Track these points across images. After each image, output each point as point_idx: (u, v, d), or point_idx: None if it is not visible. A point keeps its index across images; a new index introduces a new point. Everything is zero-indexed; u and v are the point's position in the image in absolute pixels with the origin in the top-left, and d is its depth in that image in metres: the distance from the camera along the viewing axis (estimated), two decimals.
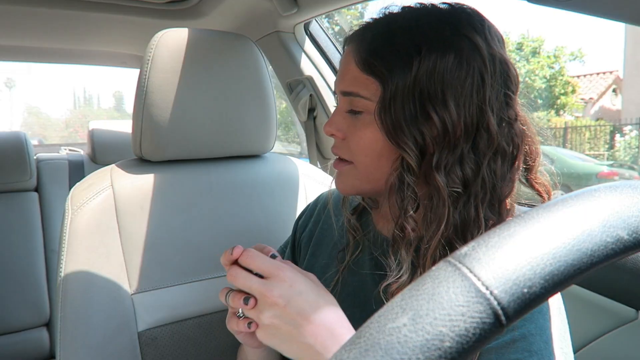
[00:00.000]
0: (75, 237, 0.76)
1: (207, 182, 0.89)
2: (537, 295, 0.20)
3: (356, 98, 0.56)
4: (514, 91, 0.55)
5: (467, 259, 0.21)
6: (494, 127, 0.52)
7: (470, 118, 0.52)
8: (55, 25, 1.41)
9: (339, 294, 0.66)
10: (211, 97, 0.85)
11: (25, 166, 1.77)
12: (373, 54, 0.54)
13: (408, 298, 0.20)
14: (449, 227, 0.52)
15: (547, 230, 0.22)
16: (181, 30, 0.83)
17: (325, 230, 0.74)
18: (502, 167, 0.54)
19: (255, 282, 0.51)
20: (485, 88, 0.52)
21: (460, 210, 0.53)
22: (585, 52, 16.09)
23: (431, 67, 0.51)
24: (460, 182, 0.52)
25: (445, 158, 0.52)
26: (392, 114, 0.52)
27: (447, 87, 0.51)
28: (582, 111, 12.57)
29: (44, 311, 1.74)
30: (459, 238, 0.53)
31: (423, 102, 0.51)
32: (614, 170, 8.10)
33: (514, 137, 0.54)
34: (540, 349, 0.49)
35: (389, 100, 0.52)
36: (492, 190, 0.53)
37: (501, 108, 0.54)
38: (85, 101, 42.05)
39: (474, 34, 0.52)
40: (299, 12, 1.13)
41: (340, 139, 0.60)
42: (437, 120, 0.51)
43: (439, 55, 0.51)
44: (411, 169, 0.53)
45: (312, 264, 0.73)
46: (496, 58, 0.53)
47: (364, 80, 0.55)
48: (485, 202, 0.53)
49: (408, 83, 0.51)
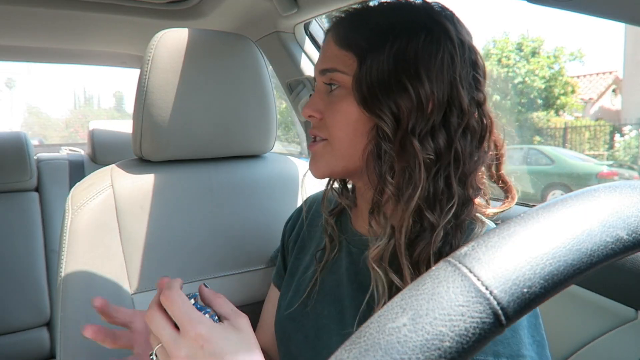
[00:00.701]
0: (76, 237, 0.76)
1: (207, 182, 0.89)
2: (537, 295, 0.20)
3: (333, 73, 0.58)
4: (482, 75, 0.58)
5: (467, 258, 0.21)
6: (465, 103, 0.55)
7: (442, 92, 0.54)
8: (55, 25, 1.41)
9: (317, 293, 0.67)
10: (211, 97, 0.85)
11: (26, 166, 1.77)
12: (350, 30, 0.58)
13: (408, 298, 0.20)
14: (422, 193, 0.54)
15: (546, 230, 0.22)
16: (181, 30, 0.83)
17: (310, 233, 0.75)
18: (471, 145, 0.56)
19: (166, 335, 0.47)
20: (456, 66, 0.54)
21: (432, 180, 0.55)
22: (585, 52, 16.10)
23: (404, 43, 0.54)
24: (432, 150, 0.54)
25: (419, 126, 0.54)
26: (367, 83, 0.55)
27: (420, 62, 0.54)
28: (582, 111, 12.57)
29: (44, 311, 1.74)
30: (430, 207, 0.54)
31: (398, 74, 0.54)
32: (613, 170, 8.10)
33: (483, 118, 0.57)
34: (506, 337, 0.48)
35: (365, 72, 0.55)
36: (461, 165, 0.55)
37: (471, 88, 0.56)
38: (85, 101, 42.03)
39: (444, 20, 0.56)
40: (299, 12, 1.13)
41: (318, 119, 0.61)
42: (411, 91, 0.53)
43: (412, 34, 0.54)
44: (387, 137, 0.55)
45: (296, 267, 0.73)
46: (465, 44, 0.56)
47: (342, 55, 0.58)
48: (457, 174, 0.55)
49: (383, 57, 0.54)
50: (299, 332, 0.67)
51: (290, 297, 0.71)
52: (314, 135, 0.63)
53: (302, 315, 0.67)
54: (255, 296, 0.89)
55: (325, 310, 0.65)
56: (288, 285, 0.73)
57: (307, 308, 0.67)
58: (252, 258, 0.90)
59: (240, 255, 0.89)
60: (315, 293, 0.67)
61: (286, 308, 0.70)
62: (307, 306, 0.67)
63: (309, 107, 0.62)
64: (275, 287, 0.79)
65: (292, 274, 0.74)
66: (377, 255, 0.56)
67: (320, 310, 0.65)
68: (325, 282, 0.67)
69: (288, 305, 0.70)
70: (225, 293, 0.85)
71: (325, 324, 0.64)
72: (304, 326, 0.67)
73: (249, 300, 0.88)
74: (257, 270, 0.90)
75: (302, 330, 0.67)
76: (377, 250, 0.56)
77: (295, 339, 0.68)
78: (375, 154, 0.56)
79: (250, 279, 0.89)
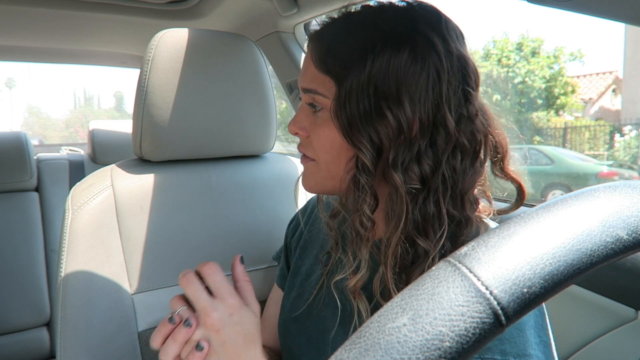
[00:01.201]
0: (76, 237, 0.76)
1: (207, 182, 0.89)
2: (537, 295, 0.20)
3: (315, 95, 0.56)
4: (473, 87, 0.54)
5: (466, 258, 0.21)
6: (451, 124, 0.52)
7: (426, 115, 0.51)
8: (55, 25, 1.41)
9: (323, 297, 0.66)
10: (211, 97, 0.85)
11: (26, 166, 1.77)
12: (328, 52, 0.54)
13: (408, 298, 0.20)
14: (408, 223, 0.52)
15: (546, 230, 0.22)
16: (181, 30, 0.83)
17: (312, 234, 0.75)
18: (463, 163, 0.53)
19: (203, 297, 0.55)
20: (442, 84, 0.51)
21: (420, 207, 0.53)
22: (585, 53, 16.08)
23: (385, 64, 0.50)
24: (418, 178, 0.52)
25: (402, 155, 0.52)
26: (346, 112, 0.52)
27: (402, 84, 0.50)
28: (582, 111, 12.56)
29: (44, 311, 1.74)
30: (420, 234, 0.53)
31: (377, 99, 0.51)
32: (613, 170, 8.10)
33: (475, 132, 0.54)
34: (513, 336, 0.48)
35: (344, 99, 0.52)
36: (452, 185, 0.53)
37: (459, 104, 0.53)
38: (85, 101, 42.01)
39: (429, 30, 0.52)
40: (299, 12, 1.13)
41: (304, 137, 0.60)
42: (391, 118, 0.51)
43: (393, 52, 0.50)
44: (366, 169, 0.53)
45: (299, 268, 0.73)
46: (453, 54, 0.52)
47: (321, 78, 0.55)
48: (446, 197, 0.53)
49: (362, 81, 0.51)
50: (301, 334, 0.67)
51: (293, 298, 0.71)
52: (302, 152, 0.62)
53: (306, 317, 0.67)
54: (256, 296, 0.89)
55: (329, 313, 0.65)
56: (291, 286, 0.73)
57: (310, 310, 0.67)
58: (253, 258, 0.90)
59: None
60: (321, 297, 0.66)
61: (289, 309, 0.70)
62: (310, 308, 0.67)
63: (295, 125, 0.60)
64: (279, 288, 0.79)
65: (295, 275, 0.74)
66: (357, 286, 0.55)
67: (324, 313, 0.65)
68: (329, 286, 0.66)
69: (291, 307, 0.70)
70: None
71: (329, 327, 0.64)
72: (307, 328, 0.67)
73: None
74: (257, 270, 0.90)
75: (305, 332, 0.67)
76: (355, 280, 0.55)
77: (298, 341, 0.68)
78: (351, 188, 0.54)
79: (250, 279, 0.89)
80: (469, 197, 0.54)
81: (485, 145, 0.55)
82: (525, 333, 0.49)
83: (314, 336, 0.66)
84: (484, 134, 0.55)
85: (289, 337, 0.69)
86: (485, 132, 0.55)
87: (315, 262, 0.71)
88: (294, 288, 0.72)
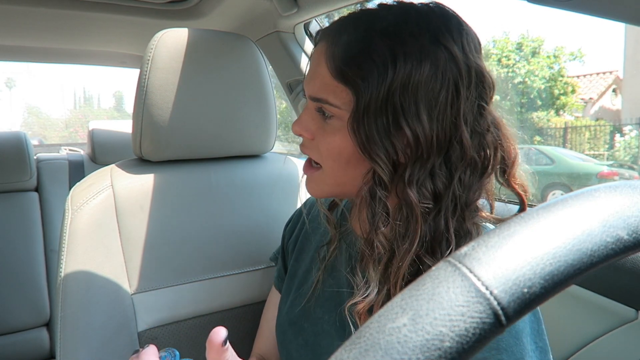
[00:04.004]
0: (75, 237, 0.76)
1: (207, 182, 0.89)
2: (537, 296, 0.20)
3: (325, 104, 0.54)
4: (487, 101, 0.53)
5: (467, 258, 0.21)
6: (467, 141, 0.51)
7: (444, 131, 0.50)
8: (55, 25, 1.41)
9: (318, 297, 0.66)
10: (211, 97, 0.85)
11: (26, 166, 1.77)
12: (348, 62, 0.51)
13: (408, 298, 0.20)
14: (420, 243, 0.51)
15: (547, 230, 0.22)
16: (181, 30, 0.83)
17: (309, 235, 0.74)
18: (471, 178, 0.52)
19: None
20: (460, 101, 0.50)
21: (430, 224, 0.51)
22: (585, 52, 16.08)
23: (406, 78, 0.49)
24: (431, 196, 0.51)
25: (417, 173, 0.51)
26: (365, 125, 0.50)
27: (421, 100, 0.49)
28: (582, 111, 12.56)
29: (44, 311, 1.74)
30: (429, 253, 0.51)
31: (396, 114, 0.50)
32: (614, 170, 8.10)
33: (485, 147, 0.53)
34: (510, 345, 0.47)
35: (362, 112, 0.50)
36: (460, 201, 0.52)
37: (474, 120, 0.52)
38: (85, 101, 42.00)
39: (451, 42, 0.50)
40: (299, 12, 1.13)
41: (309, 139, 0.59)
42: (409, 133, 0.49)
43: (415, 65, 0.49)
44: (383, 183, 0.52)
45: (296, 270, 0.73)
46: (472, 68, 0.51)
47: (334, 87, 0.53)
48: (455, 214, 0.52)
49: (382, 94, 0.49)
50: (299, 336, 0.67)
51: (291, 301, 0.71)
52: (304, 152, 0.60)
53: (303, 319, 0.67)
54: (256, 296, 0.89)
55: (326, 315, 0.64)
56: (288, 288, 0.73)
57: (308, 312, 0.67)
58: (252, 258, 0.90)
59: (241, 255, 0.89)
60: (316, 297, 0.66)
61: (287, 312, 0.70)
62: (308, 311, 0.67)
63: (300, 126, 0.58)
64: (277, 290, 0.79)
65: (292, 277, 0.73)
66: (364, 308, 0.53)
67: (320, 315, 0.65)
68: (325, 287, 0.66)
69: (289, 310, 0.70)
70: (225, 293, 0.86)
71: (325, 329, 0.64)
72: (304, 330, 0.66)
73: (249, 301, 0.88)
74: (257, 270, 0.90)
75: (303, 334, 0.67)
76: (364, 304, 0.53)
77: (296, 343, 0.67)
78: (368, 201, 0.53)
79: (250, 278, 0.89)
80: (470, 210, 0.54)
81: (494, 160, 0.54)
82: (522, 341, 0.48)
83: (310, 339, 0.65)
84: (494, 148, 0.54)
85: (287, 340, 0.69)
86: (495, 146, 0.54)
87: (312, 263, 0.71)
88: (291, 290, 0.72)
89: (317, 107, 0.56)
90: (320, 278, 0.67)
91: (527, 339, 0.49)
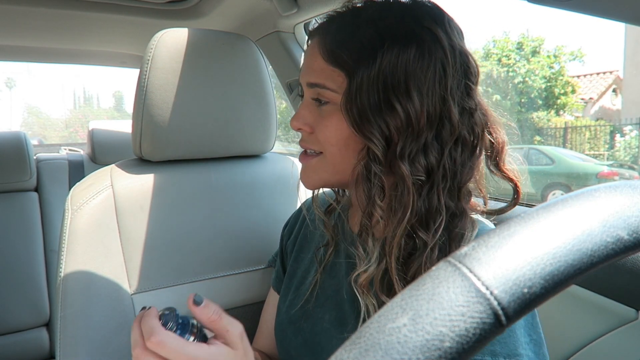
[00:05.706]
0: (75, 237, 0.76)
1: (207, 182, 0.89)
2: (537, 296, 0.20)
3: (322, 89, 0.57)
4: (474, 82, 0.56)
5: (467, 258, 0.21)
6: (455, 117, 0.53)
7: (434, 108, 0.53)
8: (55, 25, 1.41)
9: (317, 297, 0.66)
10: (211, 97, 0.85)
11: (25, 166, 1.77)
12: (339, 45, 0.55)
13: (408, 298, 0.20)
14: (413, 215, 0.53)
15: (547, 230, 0.21)
16: (181, 30, 0.83)
17: (306, 236, 0.75)
18: (462, 155, 0.55)
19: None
20: (447, 78, 0.53)
21: (424, 199, 0.54)
22: (585, 52, 16.08)
23: (394, 59, 0.52)
24: (424, 170, 0.53)
25: (409, 147, 0.53)
26: (357, 104, 0.53)
27: (410, 78, 0.52)
28: (582, 111, 12.56)
29: (44, 311, 1.74)
30: (422, 226, 0.54)
31: (387, 92, 0.52)
32: (614, 170, 8.09)
33: (474, 126, 0.56)
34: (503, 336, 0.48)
35: (355, 92, 0.53)
36: (452, 177, 0.54)
37: (462, 98, 0.55)
38: (85, 101, 42.01)
39: (435, 25, 0.53)
40: (299, 12, 1.13)
41: (308, 132, 0.60)
42: (400, 110, 0.52)
43: (402, 47, 0.52)
44: (377, 159, 0.54)
45: (295, 270, 0.73)
46: (456, 49, 0.54)
47: (330, 72, 0.56)
48: (446, 189, 0.54)
49: (372, 75, 0.52)
50: (298, 336, 0.67)
51: (290, 300, 0.71)
52: (305, 147, 0.62)
53: (302, 319, 0.67)
54: (255, 296, 0.89)
55: (326, 315, 0.64)
56: (287, 288, 0.73)
57: (307, 312, 0.67)
58: (252, 258, 0.90)
59: (240, 255, 0.89)
60: (316, 297, 0.66)
61: (286, 312, 0.70)
62: (307, 310, 0.67)
63: (298, 120, 0.60)
64: (275, 291, 0.79)
65: (291, 277, 0.73)
66: (366, 280, 0.55)
67: (320, 315, 0.65)
68: (325, 287, 0.66)
69: (288, 309, 0.70)
70: (225, 293, 0.86)
71: (325, 329, 0.64)
72: (304, 330, 0.67)
73: (248, 301, 0.88)
74: (256, 270, 0.90)
75: (302, 334, 0.67)
76: (365, 275, 0.55)
77: (295, 343, 0.67)
78: (364, 175, 0.55)
79: (250, 279, 0.89)
80: (464, 190, 0.56)
81: (481, 140, 0.56)
82: (515, 333, 0.49)
83: (309, 338, 0.66)
84: (481, 128, 0.56)
85: (286, 340, 0.69)
86: (482, 127, 0.56)
87: (311, 263, 0.71)
88: (290, 290, 0.72)
89: (313, 94, 0.58)
90: (318, 279, 0.67)
91: (520, 331, 0.49)
